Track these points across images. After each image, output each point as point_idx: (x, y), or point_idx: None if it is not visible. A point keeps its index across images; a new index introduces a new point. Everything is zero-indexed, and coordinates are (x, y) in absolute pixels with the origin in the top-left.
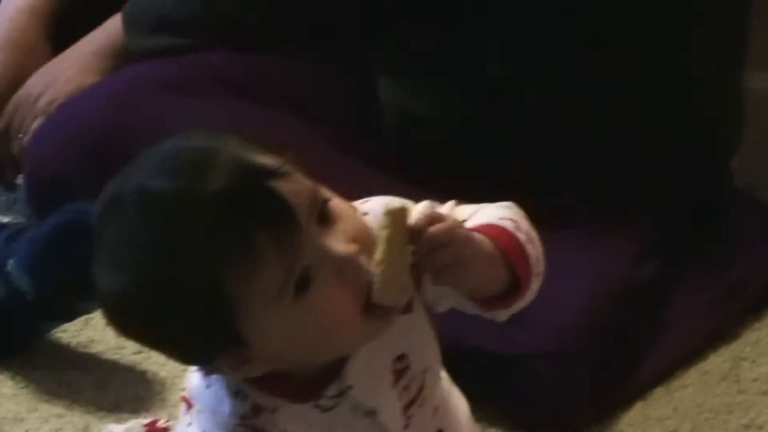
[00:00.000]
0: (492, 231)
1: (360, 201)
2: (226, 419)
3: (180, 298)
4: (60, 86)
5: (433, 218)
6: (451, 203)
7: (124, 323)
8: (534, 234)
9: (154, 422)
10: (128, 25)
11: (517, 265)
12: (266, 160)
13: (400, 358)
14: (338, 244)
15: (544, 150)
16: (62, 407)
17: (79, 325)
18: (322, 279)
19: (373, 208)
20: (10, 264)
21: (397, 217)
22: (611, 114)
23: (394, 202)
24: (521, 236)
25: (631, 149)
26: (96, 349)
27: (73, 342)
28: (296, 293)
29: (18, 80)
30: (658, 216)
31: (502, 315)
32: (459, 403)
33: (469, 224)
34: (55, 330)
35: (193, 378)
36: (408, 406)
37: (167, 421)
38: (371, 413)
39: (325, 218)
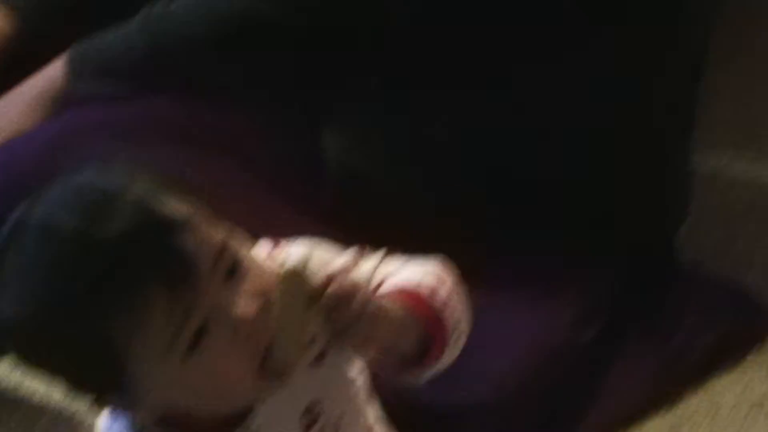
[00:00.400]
0: (404, 297)
1: (287, 242)
2: None
3: (68, 338)
4: None
5: (335, 280)
6: (378, 254)
7: (20, 349)
8: (455, 296)
9: None
10: (72, 68)
11: (429, 332)
12: (175, 209)
13: (309, 408)
14: (238, 303)
15: (492, 214)
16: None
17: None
18: (216, 336)
19: (294, 252)
20: None
21: (292, 276)
22: (559, 189)
23: (318, 247)
24: (437, 303)
25: (580, 221)
26: (24, 391)
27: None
28: (188, 349)
29: None
30: (603, 283)
31: (418, 377)
32: None
33: (386, 285)
34: None
35: (102, 416)
36: None
37: None
38: None
39: (233, 271)
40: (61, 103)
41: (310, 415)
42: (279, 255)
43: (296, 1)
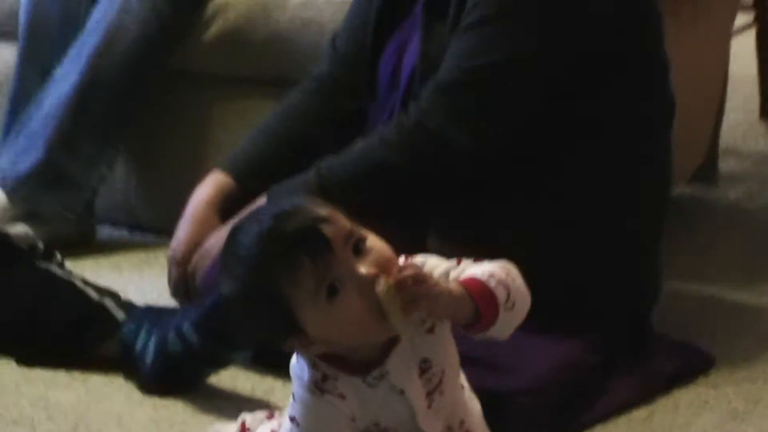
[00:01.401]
0: (467, 280)
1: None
2: (305, 383)
3: (259, 296)
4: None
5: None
6: (467, 261)
7: (235, 315)
8: (511, 282)
9: (271, 412)
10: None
11: (481, 304)
12: (321, 212)
13: (425, 360)
14: (362, 267)
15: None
16: (213, 417)
17: (227, 377)
18: (347, 290)
19: (417, 259)
20: (185, 326)
21: (390, 286)
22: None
23: (431, 258)
24: (492, 282)
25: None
26: (239, 390)
27: (222, 385)
28: (328, 298)
29: (199, 240)
30: (605, 334)
31: (479, 336)
32: (474, 405)
33: (458, 274)
34: (210, 377)
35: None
36: (430, 393)
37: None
38: (402, 393)
39: (359, 250)
40: None
41: (424, 366)
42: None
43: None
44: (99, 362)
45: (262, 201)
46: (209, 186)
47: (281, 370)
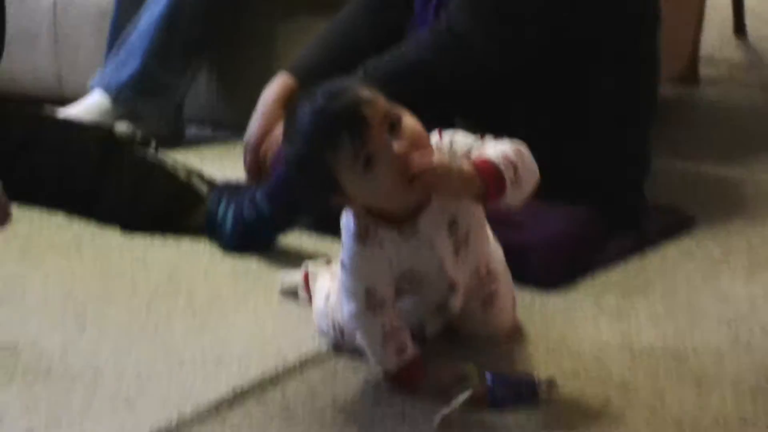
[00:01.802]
0: (479, 162)
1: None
2: (351, 233)
3: (309, 161)
4: None
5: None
6: (488, 139)
7: (291, 175)
8: (519, 162)
9: (328, 260)
10: None
11: (489, 180)
12: (364, 93)
13: (452, 221)
14: (394, 143)
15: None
16: (282, 266)
17: (293, 238)
18: (380, 163)
19: (446, 135)
20: (258, 196)
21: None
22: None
23: (458, 133)
24: (502, 162)
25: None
26: (301, 249)
27: (290, 245)
28: (364, 168)
29: (269, 131)
30: (605, 204)
31: (493, 205)
32: (498, 252)
33: (478, 151)
34: (281, 237)
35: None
36: (457, 247)
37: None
38: (432, 247)
39: (394, 128)
40: None
41: (452, 226)
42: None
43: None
44: (188, 229)
45: None
46: (276, 86)
47: (337, 232)
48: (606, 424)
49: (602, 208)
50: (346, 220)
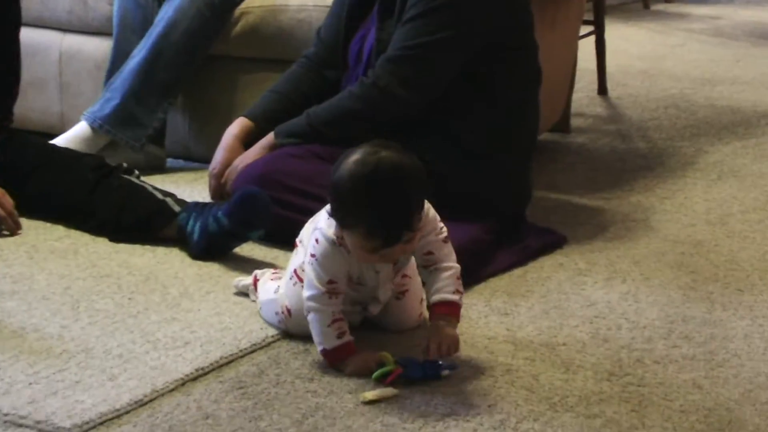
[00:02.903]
0: (443, 309)
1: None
2: (330, 234)
3: (348, 211)
4: (247, 160)
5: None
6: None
7: (331, 191)
8: (461, 283)
9: (275, 269)
10: (276, 135)
11: (457, 316)
12: (415, 220)
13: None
14: (393, 257)
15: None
16: (237, 273)
17: (247, 249)
18: (376, 254)
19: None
20: (219, 213)
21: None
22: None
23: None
24: (461, 301)
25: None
26: (255, 257)
27: (244, 254)
28: (366, 250)
29: (229, 163)
30: (497, 222)
31: None
32: (411, 259)
33: (438, 296)
34: (237, 248)
35: (321, 216)
36: (393, 277)
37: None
38: (377, 271)
39: (406, 241)
40: (273, 148)
41: (397, 262)
42: None
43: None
44: (163, 240)
45: (270, 136)
46: (236, 126)
47: (284, 244)
48: (493, 400)
49: (494, 226)
50: (329, 223)
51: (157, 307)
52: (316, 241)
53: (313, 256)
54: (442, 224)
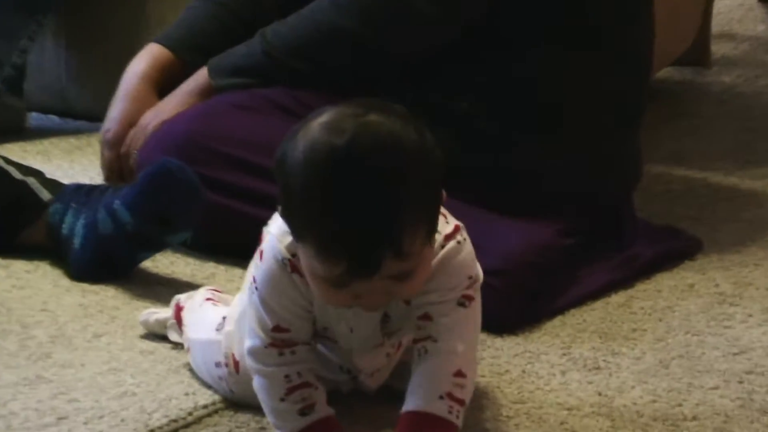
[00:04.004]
0: (428, 425)
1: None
2: (281, 248)
3: (297, 209)
4: (163, 116)
5: None
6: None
7: (276, 173)
8: (466, 391)
9: (216, 290)
10: (211, 72)
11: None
12: (404, 240)
13: (385, 316)
14: (378, 298)
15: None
16: (147, 303)
17: (166, 263)
18: (347, 290)
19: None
20: (116, 203)
21: None
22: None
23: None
24: (450, 416)
25: (563, 178)
26: (176, 276)
27: (160, 272)
28: (328, 284)
29: (134, 120)
30: (580, 215)
31: None
32: None
33: (413, 403)
34: (148, 260)
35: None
36: (383, 342)
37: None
38: (354, 333)
39: (396, 277)
40: (206, 94)
41: (386, 318)
42: None
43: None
44: (22, 248)
45: (202, 75)
46: (144, 59)
47: (223, 255)
48: None
49: (577, 227)
50: (281, 231)
51: (11, 361)
52: (260, 255)
53: (254, 281)
54: (473, 275)
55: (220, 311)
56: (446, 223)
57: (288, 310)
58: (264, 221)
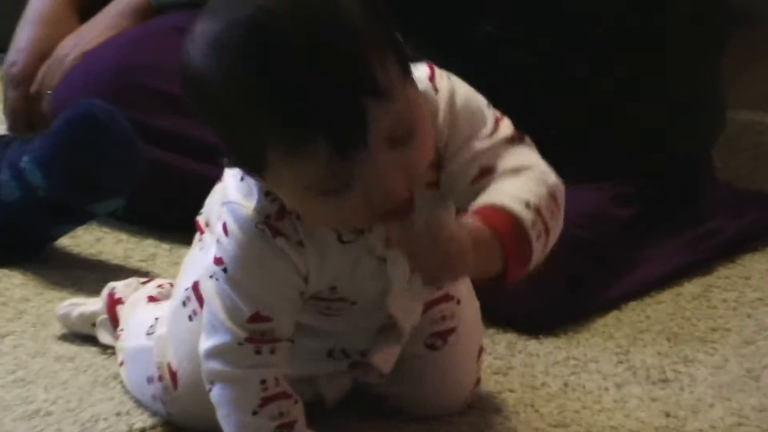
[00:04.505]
0: (502, 224)
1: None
2: (250, 213)
3: (237, 118)
4: (85, 44)
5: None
6: (505, 135)
7: (194, 100)
8: (554, 222)
9: (148, 279)
10: None
11: (514, 264)
12: (376, 71)
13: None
14: (391, 178)
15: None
16: (67, 293)
17: (91, 241)
18: (358, 194)
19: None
20: (24, 160)
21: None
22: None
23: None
24: (533, 233)
25: (628, 125)
26: (104, 258)
27: (83, 252)
28: (326, 193)
29: (48, 51)
30: (640, 175)
31: (500, 289)
32: (468, 295)
33: (487, 198)
34: (67, 236)
35: (228, 175)
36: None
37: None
38: (382, 260)
39: (400, 140)
40: (142, 16)
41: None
42: (436, 86)
43: None
44: None
45: None
46: None
47: (167, 230)
48: None
49: (636, 190)
50: (242, 186)
51: None
52: (224, 230)
53: (219, 263)
54: (494, 113)
55: (154, 310)
56: (417, 69)
57: (272, 290)
58: (214, 180)
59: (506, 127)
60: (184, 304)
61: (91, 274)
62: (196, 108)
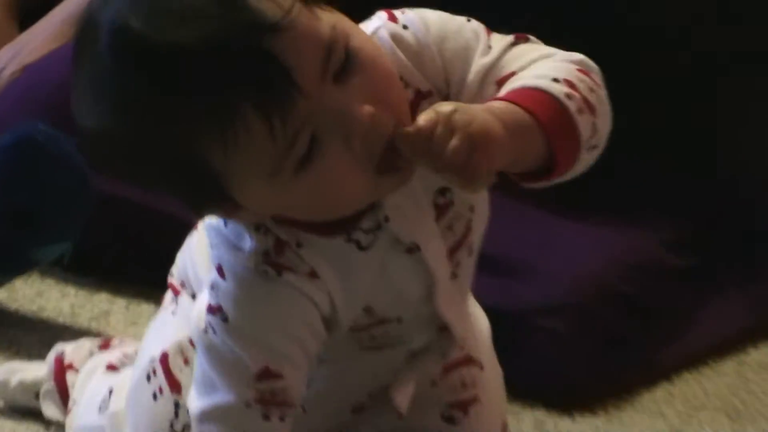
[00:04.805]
0: (529, 99)
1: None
2: (246, 257)
3: (154, 149)
4: (25, 56)
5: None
6: (506, 41)
7: (104, 161)
8: (596, 97)
9: (106, 340)
10: None
11: (557, 141)
12: (268, 5)
13: (443, 191)
14: (351, 105)
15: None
16: (2, 357)
17: (31, 295)
18: (329, 146)
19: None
20: None
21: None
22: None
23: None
24: (571, 105)
25: (681, 140)
26: (47, 315)
27: (22, 308)
28: (298, 166)
29: None
30: (705, 207)
31: (546, 185)
32: (481, 321)
33: (513, 81)
34: (2, 288)
35: (209, 218)
36: (454, 251)
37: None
38: (413, 250)
39: (344, 70)
40: None
41: (443, 200)
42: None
43: None
44: None
45: None
46: None
47: (124, 282)
48: None
49: (690, 236)
50: (229, 231)
51: None
52: (220, 273)
53: (215, 311)
54: (479, 24)
55: (107, 380)
56: (375, 17)
57: (285, 338)
58: (185, 220)
59: (500, 36)
60: (148, 378)
61: (31, 335)
62: (114, 169)
